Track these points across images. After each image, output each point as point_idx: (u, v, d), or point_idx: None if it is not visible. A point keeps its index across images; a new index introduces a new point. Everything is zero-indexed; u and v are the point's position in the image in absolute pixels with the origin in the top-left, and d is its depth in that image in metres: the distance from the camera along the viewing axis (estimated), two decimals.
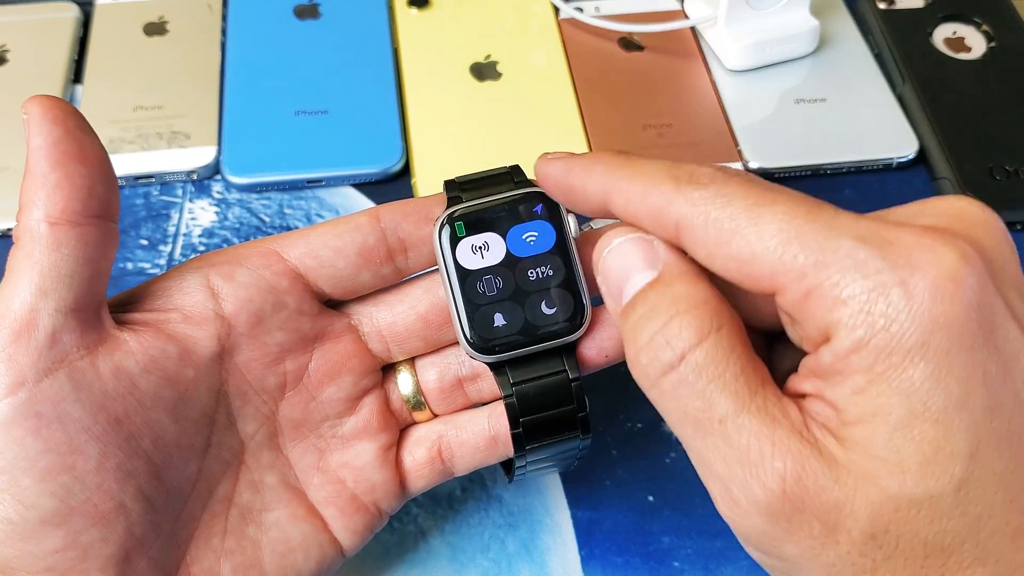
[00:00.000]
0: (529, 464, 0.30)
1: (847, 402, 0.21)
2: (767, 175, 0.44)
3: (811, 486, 0.21)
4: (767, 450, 0.21)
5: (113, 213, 0.26)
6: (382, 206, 0.29)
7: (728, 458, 0.22)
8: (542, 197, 0.28)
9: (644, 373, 0.23)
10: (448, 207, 0.28)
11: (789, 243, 0.21)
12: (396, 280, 0.30)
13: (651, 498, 0.35)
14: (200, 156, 0.44)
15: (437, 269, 0.29)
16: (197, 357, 0.27)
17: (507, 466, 0.32)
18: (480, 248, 0.28)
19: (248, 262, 0.28)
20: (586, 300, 0.29)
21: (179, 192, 0.44)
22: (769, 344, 0.27)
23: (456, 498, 0.35)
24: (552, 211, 0.28)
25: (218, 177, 0.44)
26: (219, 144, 0.44)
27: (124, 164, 0.43)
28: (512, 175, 0.29)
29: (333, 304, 0.30)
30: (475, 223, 0.28)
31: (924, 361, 0.20)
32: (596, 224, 0.32)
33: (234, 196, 0.44)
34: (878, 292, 0.20)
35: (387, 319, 0.30)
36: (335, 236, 0.29)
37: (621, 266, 0.24)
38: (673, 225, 0.23)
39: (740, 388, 0.22)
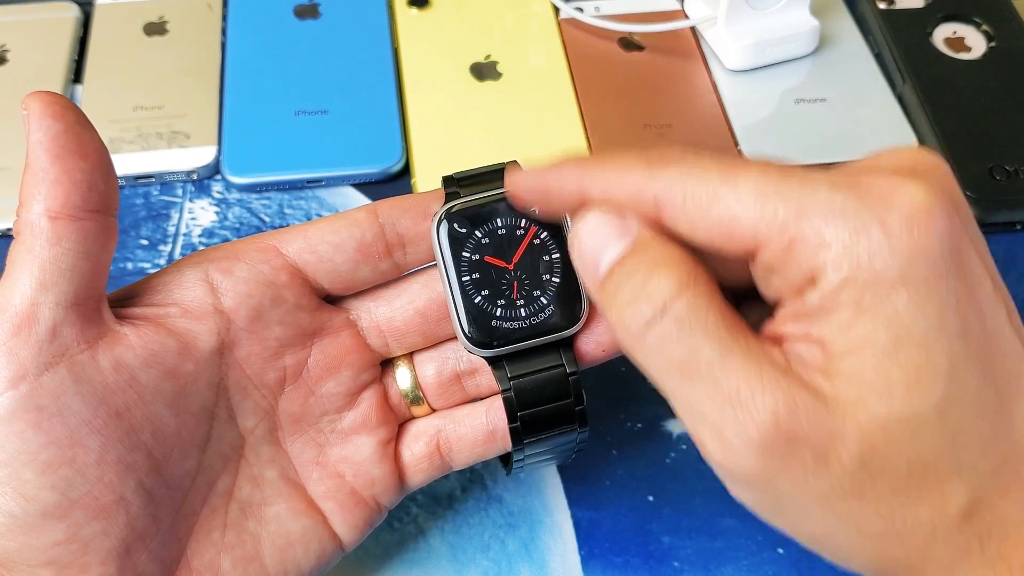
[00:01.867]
0: (527, 457, 0.30)
1: (834, 337, 0.22)
2: None
3: (803, 418, 0.22)
4: (756, 388, 0.22)
5: (112, 208, 0.26)
6: (380, 202, 0.29)
7: (718, 401, 0.22)
8: None
9: (627, 331, 0.24)
10: (445, 203, 0.28)
11: (768, 199, 0.22)
12: (394, 275, 0.30)
13: (651, 498, 0.35)
14: (200, 156, 0.44)
15: (435, 264, 0.29)
16: (197, 351, 0.27)
17: (505, 459, 0.32)
18: (478, 243, 0.28)
19: (247, 257, 0.28)
20: (583, 295, 0.29)
21: (179, 192, 0.44)
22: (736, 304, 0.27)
23: (456, 498, 0.35)
24: None
25: (218, 177, 0.44)
26: (219, 144, 0.44)
27: (124, 164, 0.43)
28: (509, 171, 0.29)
29: (331, 299, 0.30)
30: (473, 218, 0.28)
31: (906, 290, 0.21)
32: None
33: (234, 196, 0.44)
34: (859, 232, 0.21)
35: (385, 314, 0.30)
36: (333, 231, 0.29)
37: (595, 241, 0.25)
38: (652, 203, 0.24)
39: (723, 333, 0.23)
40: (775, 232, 0.22)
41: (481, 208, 0.28)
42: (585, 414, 0.29)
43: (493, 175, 0.29)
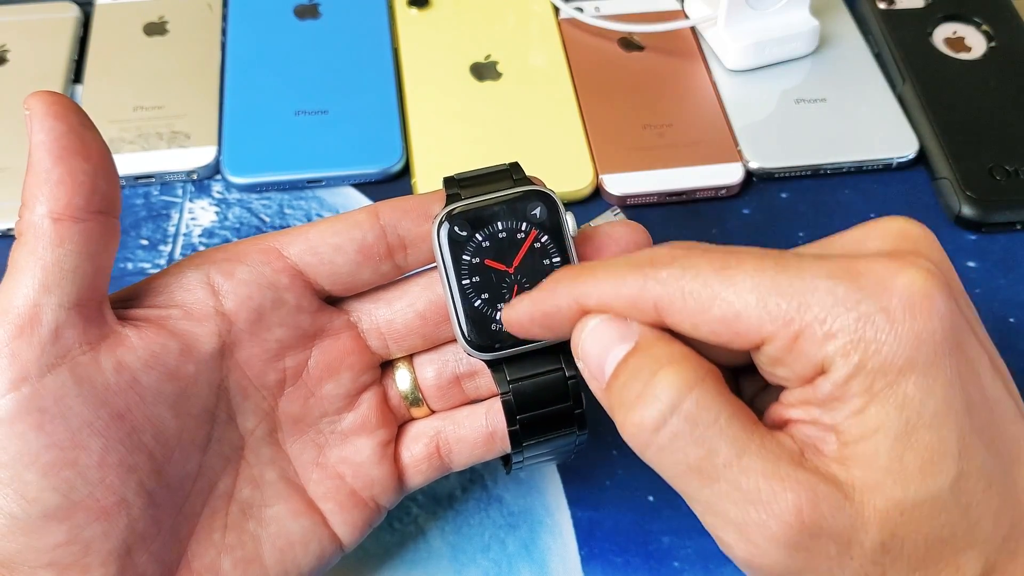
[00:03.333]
0: (527, 459, 0.30)
1: (847, 424, 0.22)
2: (767, 175, 0.44)
3: (826, 510, 0.22)
4: (776, 485, 0.22)
5: (115, 209, 0.26)
6: (381, 203, 0.29)
7: (738, 501, 0.22)
8: (541, 195, 0.28)
9: (638, 433, 0.24)
10: (447, 204, 0.28)
11: (768, 295, 0.23)
12: (395, 277, 0.30)
13: (651, 498, 0.35)
14: (200, 156, 0.44)
15: (436, 266, 0.29)
16: (198, 353, 0.27)
17: (505, 458, 0.32)
18: (478, 246, 0.28)
19: (248, 259, 0.28)
20: None
21: (179, 192, 0.44)
22: (734, 377, 0.28)
23: (456, 498, 0.35)
24: (551, 209, 0.28)
25: (218, 177, 0.44)
26: (219, 144, 0.44)
27: (124, 164, 0.43)
28: (511, 172, 0.29)
29: (332, 301, 0.30)
30: (473, 221, 0.28)
31: (914, 374, 0.22)
32: (595, 223, 0.32)
33: (234, 196, 0.44)
34: (863, 320, 0.22)
35: (386, 316, 0.30)
36: (334, 233, 0.29)
37: (599, 345, 0.25)
38: (652, 308, 0.24)
39: (736, 431, 0.23)
40: (780, 326, 0.23)
41: (482, 210, 0.28)
42: (584, 417, 0.29)
43: (494, 176, 0.29)
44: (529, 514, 0.35)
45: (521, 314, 0.27)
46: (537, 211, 0.28)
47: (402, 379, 0.31)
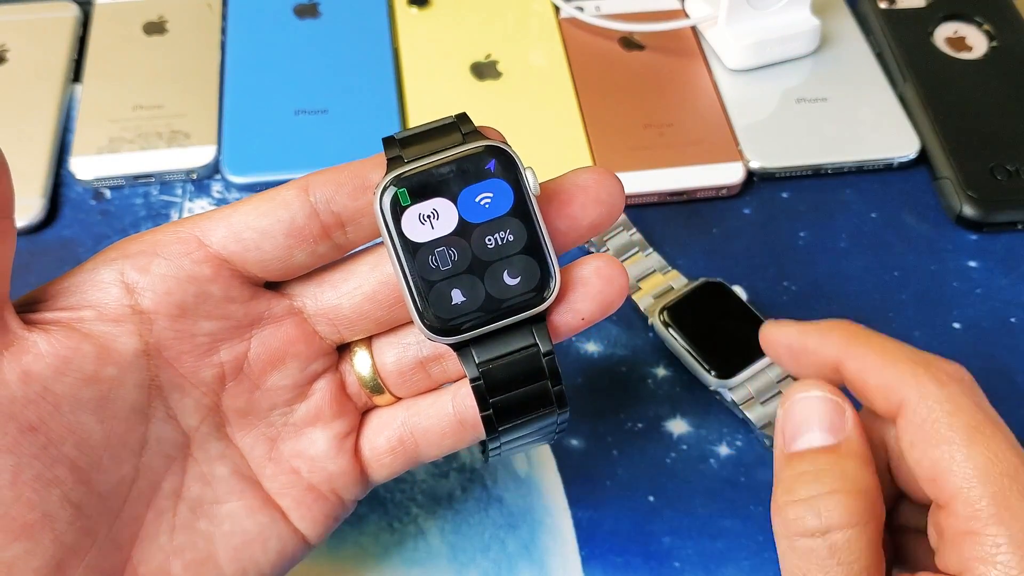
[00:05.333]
0: (504, 444, 0.28)
1: None
2: (768, 175, 0.44)
3: None
4: None
5: (3, 210, 0.24)
6: (312, 176, 0.26)
7: None
8: (495, 151, 0.25)
9: (784, 524, 0.25)
10: (388, 171, 0.25)
11: (984, 483, 0.23)
12: (337, 257, 0.27)
13: (651, 498, 0.35)
14: (200, 156, 0.44)
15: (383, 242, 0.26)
16: (117, 354, 0.25)
17: (483, 444, 0.29)
18: (428, 217, 0.25)
19: (165, 251, 0.26)
20: (553, 264, 0.25)
21: (179, 192, 0.44)
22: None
23: (456, 498, 0.35)
24: (508, 167, 0.25)
25: (218, 177, 0.44)
26: (219, 144, 0.44)
27: (124, 164, 0.43)
28: (459, 125, 0.26)
29: (273, 284, 0.28)
30: (419, 189, 0.25)
31: None
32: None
33: (234, 196, 0.44)
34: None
35: (331, 301, 0.27)
36: (260, 215, 0.26)
37: (807, 415, 0.26)
38: (897, 404, 0.25)
39: None
40: (966, 514, 0.23)
41: (430, 174, 0.25)
42: (563, 394, 0.27)
43: (440, 131, 0.26)
44: (529, 514, 0.35)
45: (782, 336, 0.28)
46: (492, 170, 0.25)
47: (361, 364, 0.28)
